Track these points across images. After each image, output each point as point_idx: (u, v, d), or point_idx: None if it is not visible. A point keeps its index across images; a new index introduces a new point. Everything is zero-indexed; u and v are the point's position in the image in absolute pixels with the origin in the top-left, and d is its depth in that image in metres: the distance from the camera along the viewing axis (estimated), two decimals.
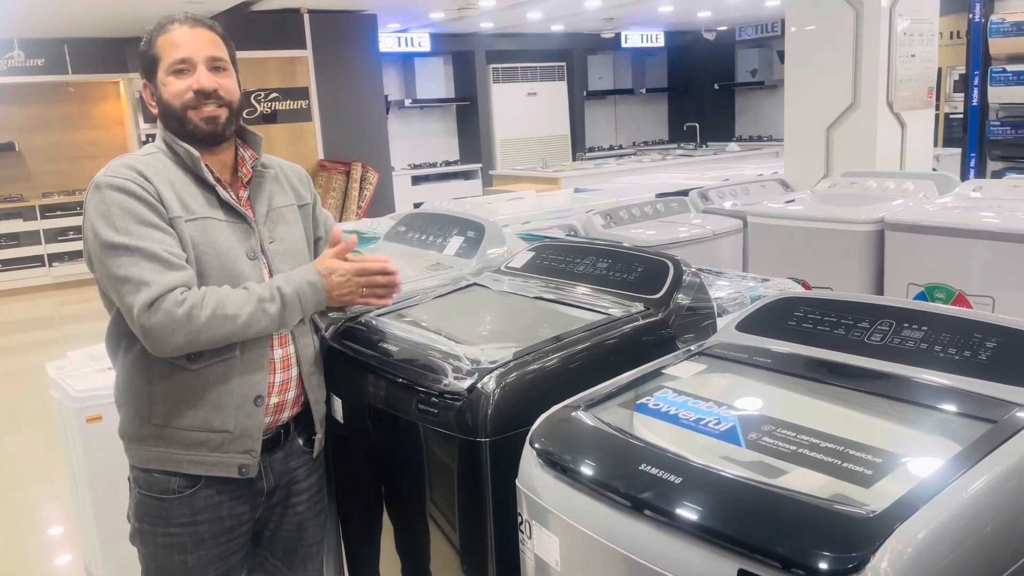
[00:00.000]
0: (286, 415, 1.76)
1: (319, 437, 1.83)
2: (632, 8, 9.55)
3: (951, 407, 1.28)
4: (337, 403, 1.98)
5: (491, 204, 5.44)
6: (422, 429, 1.70)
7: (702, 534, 1.09)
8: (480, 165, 11.28)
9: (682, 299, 1.87)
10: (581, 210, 4.78)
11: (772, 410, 1.37)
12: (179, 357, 1.60)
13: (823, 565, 0.98)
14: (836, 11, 5.21)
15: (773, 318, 1.65)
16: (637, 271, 1.97)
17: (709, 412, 1.38)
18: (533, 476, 1.40)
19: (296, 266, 1.75)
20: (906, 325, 1.47)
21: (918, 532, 0.99)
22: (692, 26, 12.14)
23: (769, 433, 1.28)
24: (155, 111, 1.70)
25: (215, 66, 1.67)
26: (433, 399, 1.64)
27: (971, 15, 6.80)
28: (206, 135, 1.66)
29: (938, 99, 9.71)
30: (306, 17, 7.95)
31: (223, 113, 1.67)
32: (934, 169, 8.34)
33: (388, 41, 10.28)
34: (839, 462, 1.17)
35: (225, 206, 1.67)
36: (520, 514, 1.44)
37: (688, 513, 1.11)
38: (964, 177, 6.96)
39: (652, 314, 1.82)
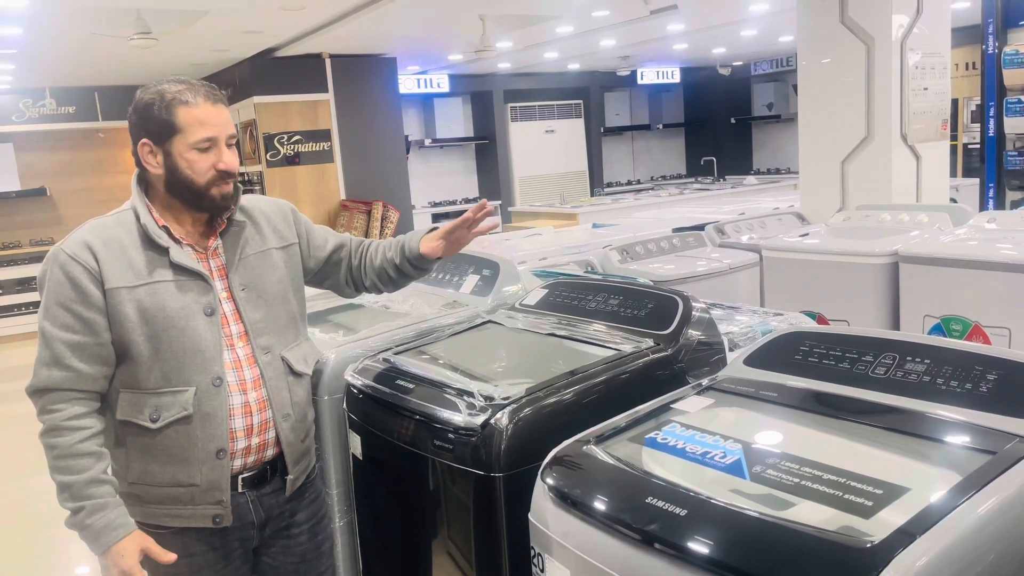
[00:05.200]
0: (270, 452, 1.80)
1: (291, 478, 1.84)
2: (647, 46, 9.69)
3: (952, 439, 1.31)
4: (356, 439, 2.03)
5: (509, 241, 5.50)
6: (438, 464, 1.74)
7: (707, 565, 1.12)
8: (499, 202, 11.40)
9: (692, 334, 1.91)
10: (598, 246, 4.82)
11: (777, 443, 1.41)
12: (141, 416, 1.68)
13: None
14: (847, 46, 5.27)
15: (780, 352, 1.69)
16: (648, 307, 2.01)
17: (716, 446, 1.41)
18: (545, 510, 1.43)
19: (270, 310, 1.80)
20: (909, 358, 1.50)
21: (916, 561, 1.02)
22: (707, 62, 12.27)
23: (773, 466, 1.31)
24: (156, 172, 1.73)
25: (231, 143, 1.74)
26: (448, 435, 1.68)
27: (984, 47, 6.85)
28: (220, 211, 1.75)
29: (956, 129, 9.75)
30: (327, 62, 8.15)
31: (231, 188, 1.74)
32: (953, 200, 8.34)
33: (408, 83, 10.49)
34: (841, 493, 1.20)
35: (176, 267, 1.71)
36: (533, 547, 1.48)
37: (693, 545, 1.15)
38: (983, 207, 6.95)
39: (662, 349, 1.86)
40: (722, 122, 13.20)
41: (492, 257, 2.61)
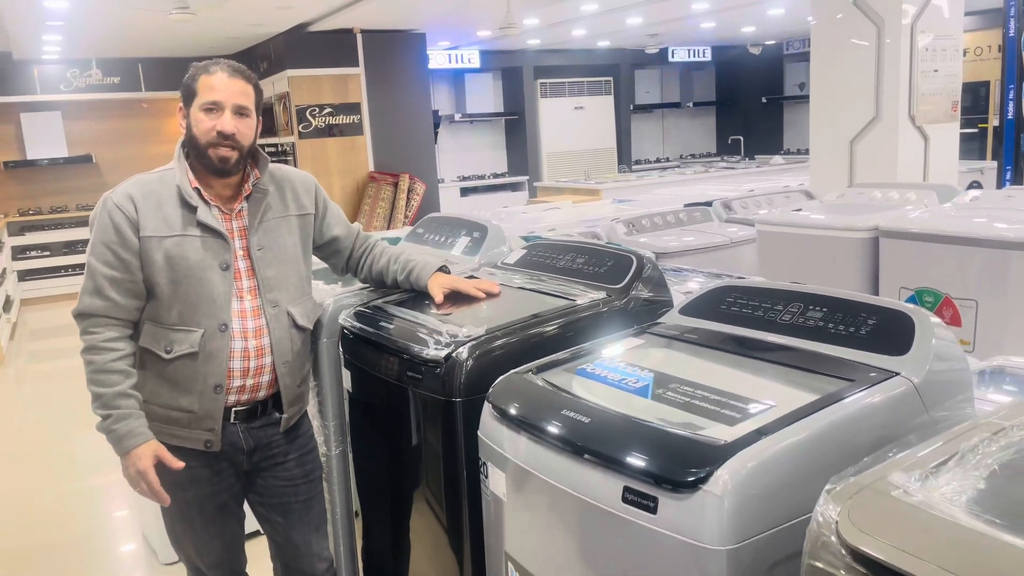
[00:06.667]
0: (262, 394, 2.08)
1: (285, 416, 2.13)
2: (675, 24, 9.79)
3: (824, 370, 1.54)
4: (347, 375, 2.32)
5: (527, 214, 5.74)
6: (412, 393, 2.02)
7: (598, 459, 1.39)
8: (527, 177, 11.62)
9: (641, 289, 2.15)
10: (608, 219, 5.03)
11: (683, 373, 1.65)
12: (158, 347, 1.98)
13: (681, 478, 1.26)
14: (858, 26, 5.39)
15: (710, 304, 1.92)
16: (607, 265, 2.26)
17: (632, 374, 1.67)
18: (489, 426, 1.70)
19: (281, 269, 2.07)
20: (811, 307, 1.73)
21: (757, 455, 1.27)
22: (738, 41, 12.30)
23: (673, 389, 1.56)
24: (183, 134, 2.03)
25: (240, 112, 1.98)
26: (419, 367, 1.96)
27: (1006, 29, 6.87)
28: (216, 171, 1.99)
29: (987, 112, 9.70)
30: (359, 37, 8.42)
31: (234, 155, 1.98)
32: (976, 183, 8.35)
33: (439, 58, 10.72)
34: (718, 409, 1.45)
35: (202, 225, 1.99)
36: (480, 458, 1.75)
37: (588, 443, 1.41)
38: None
39: (612, 301, 2.11)
40: (753, 101, 13.22)
41: (482, 221, 2.87)
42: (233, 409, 2.05)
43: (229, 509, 2.14)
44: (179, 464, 1.98)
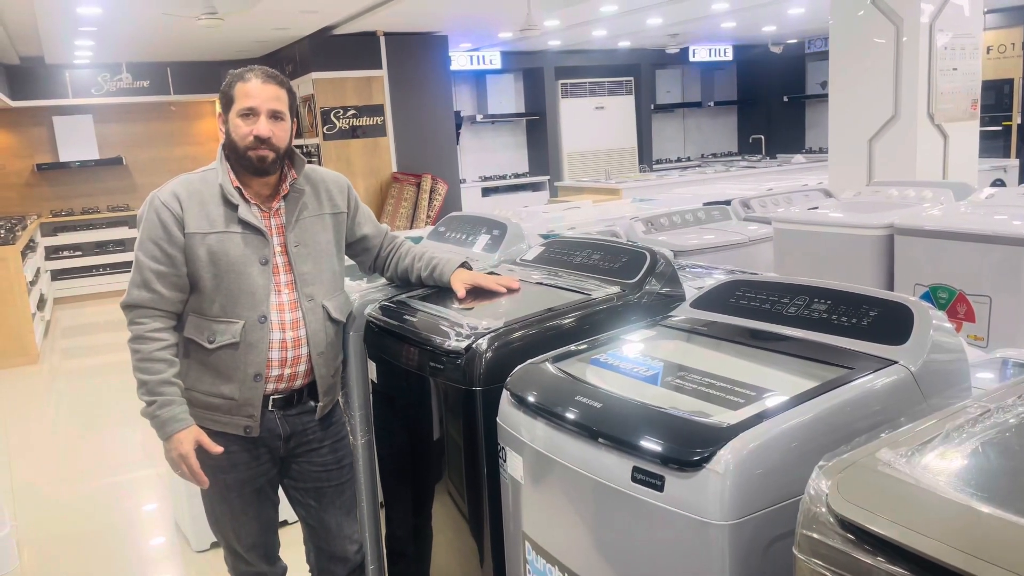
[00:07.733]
0: (299, 383, 2.20)
1: (320, 405, 2.24)
2: (695, 24, 9.83)
3: (826, 359, 1.62)
4: (372, 367, 2.42)
5: (547, 213, 5.83)
6: (433, 382, 2.12)
7: (609, 442, 1.47)
8: (548, 177, 11.70)
9: (654, 284, 2.23)
10: (628, 217, 5.10)
11: (692, 362, 1.73)
12: (201, 337, 2.09)
13: (686, 457, 1.35)
14: (877, 26, 5.43)
15: (720, 297, 2.00)
16: (622, 261, 2.34)
17: (643, 363, 1.75)
18: (507, 413, 1.79)
19: (317, 265, 2.18)
20: (816, 300, 1.80)
21: (758, 437, 1.35)
22: (759, 40, 12.29)
23: (682, 377, 1.65)
24: (223, 139, 2.14)
25: (274, 116, 2.08)
26: (441, 358, 2.05)
27: None
28: (255, 170, 2.10)
29: (1010, 110, 9.64)
30: (382, 39, 8.56)
31: (271, 155, 2.08)
32: (1000, 181, 8.33)
33: (461, 59, 10.83)
34: (722, 395, 1.53)
35: (243, 222, 2.10)
36: (499, 443, 1.84)
37: (601, 427, 1.49)
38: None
39: (626, 295, 2.19)
40: (775, 100, 13.21)
41: (501, 220, 2.96)
42: (271, 397, 2.17)
43: (265, 493, 2.25)
44: (218, 449, 2.09)
